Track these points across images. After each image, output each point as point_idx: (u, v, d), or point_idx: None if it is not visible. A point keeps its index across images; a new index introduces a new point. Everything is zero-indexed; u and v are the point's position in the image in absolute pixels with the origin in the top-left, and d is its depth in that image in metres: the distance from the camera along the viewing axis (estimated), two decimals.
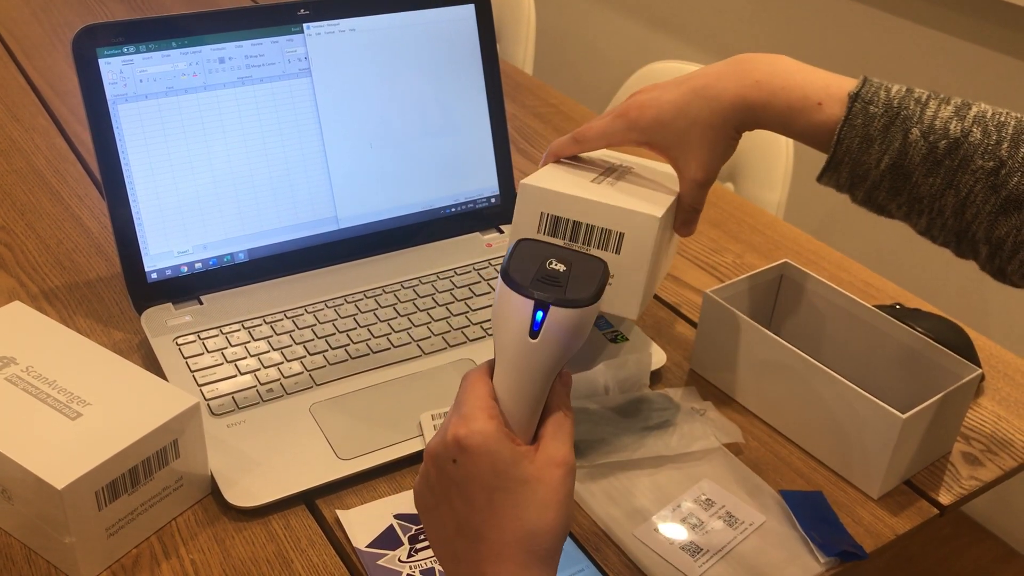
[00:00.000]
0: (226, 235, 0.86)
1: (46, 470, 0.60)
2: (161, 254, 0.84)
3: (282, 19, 0.87)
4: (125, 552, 0.66)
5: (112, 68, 0.80)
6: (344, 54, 0.90)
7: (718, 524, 0.70)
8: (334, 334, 0.84)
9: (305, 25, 0.88)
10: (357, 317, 0.86)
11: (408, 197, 0.95)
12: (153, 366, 0.80)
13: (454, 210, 0.97)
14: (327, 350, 0.82)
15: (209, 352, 0.80)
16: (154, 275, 0.84)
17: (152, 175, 0.83)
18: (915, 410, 0.70)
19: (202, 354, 0.80)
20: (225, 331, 0.83)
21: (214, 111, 0.84)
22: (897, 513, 0.73)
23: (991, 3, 1.59)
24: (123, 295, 0.90)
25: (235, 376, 0.78)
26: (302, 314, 0.85)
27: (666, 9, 2.22)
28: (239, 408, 0.76)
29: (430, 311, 0.88)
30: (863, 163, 0.61)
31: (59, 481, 0.59)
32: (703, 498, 0.72)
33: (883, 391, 0.78)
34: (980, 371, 0.75)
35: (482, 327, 0.86)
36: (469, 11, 0.96)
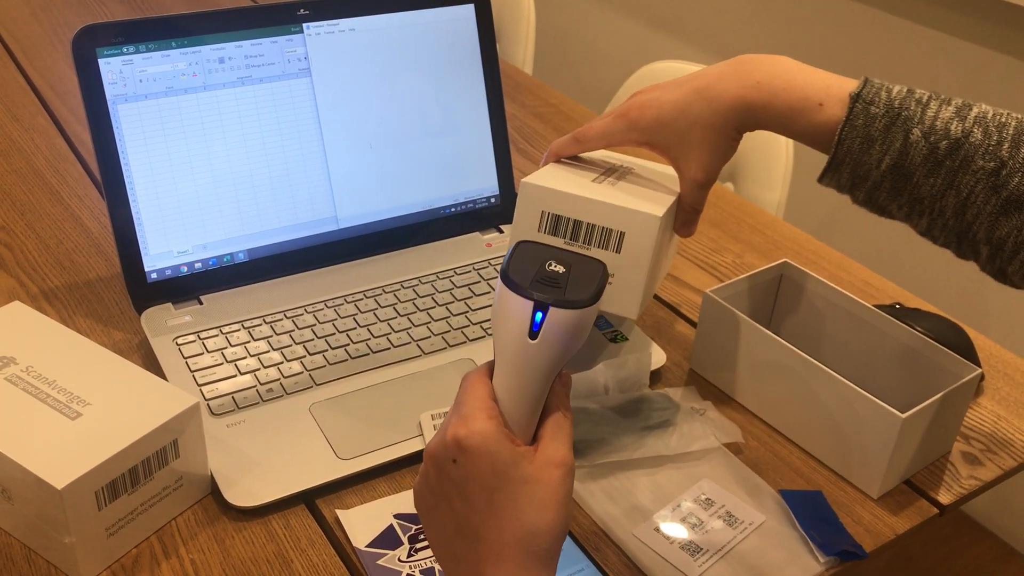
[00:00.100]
0: (226, 235, 0.86)
1: (46, 470, 0.60)
2: (161, 254, 0.84)
3: (282, 19, 0.87)
4: (125, 552, 0.66)
5: (112, 68, 0.80)
6: (344, 54, 0.90)
7: (718, 524, 0.70)
8: (334, 334, 0.84)
9: (305, 25, 0.88)
10: (357, 317, 0.86)
11: (408, 197, 0.95)
12: (153, 366, 0.80)
13: (454, 210, 0.97)
14: (327, 350, 0.82)
15: (209, 352, 0.80)
16: (154, 275, 0.84)
17: (152, 175, 0.83)
18: (915, 410, 0.70)
19: (202, 354, 0.80)
20: (225, 331, 0.83)
21: (214, 111, 0.84)
22: (897, 513, 0.73)
23: (991, 3, 1.59)
24: (123, 295, 0.90)
25: (235, 376, 0.78)
26: (302, 314, 0.85)
27: (666, 9, 2.22)
28: (239, 408, 0.76)
29: (430, 311, 0.88)
30: (864, 164, 0.61)
31: (59, 481, 0.59)
32: (703, 498, 0.72)
33: (883, 391, 0.78)
34: (980, 371, 0.75)
35: (482, 327, 0.86)
36: (469, 11, 0.96)
